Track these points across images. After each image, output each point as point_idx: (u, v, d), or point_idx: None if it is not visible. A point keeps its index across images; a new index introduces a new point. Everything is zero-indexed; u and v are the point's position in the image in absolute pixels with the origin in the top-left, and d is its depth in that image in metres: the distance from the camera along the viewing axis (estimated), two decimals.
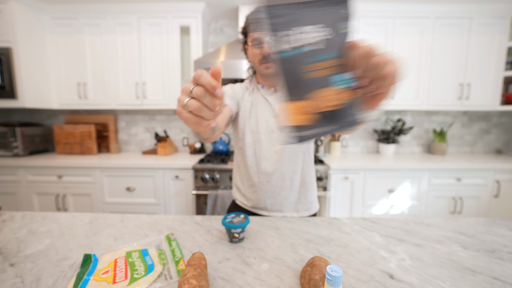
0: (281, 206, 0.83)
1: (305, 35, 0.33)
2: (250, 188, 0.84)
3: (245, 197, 0.87)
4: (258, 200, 0.83)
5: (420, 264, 0.53)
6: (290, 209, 0.84)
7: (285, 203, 0.83)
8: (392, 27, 1.82)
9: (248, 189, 0.85)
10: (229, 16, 2.07)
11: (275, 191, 0.81)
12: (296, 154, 0.81)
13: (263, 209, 0.84)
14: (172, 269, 0.50)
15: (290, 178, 0.82)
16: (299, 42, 0.33)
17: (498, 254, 0.57)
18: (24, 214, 0.79)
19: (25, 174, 1.72)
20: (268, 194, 0.82)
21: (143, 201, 1.72)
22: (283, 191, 0.82)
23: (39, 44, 1.83)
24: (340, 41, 0.33)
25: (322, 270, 0.43)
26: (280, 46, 0.33)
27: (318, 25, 0.33)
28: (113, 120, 2.20)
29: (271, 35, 0.33)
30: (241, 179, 0.87)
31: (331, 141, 2.15)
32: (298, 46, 0.33)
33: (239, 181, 0.89)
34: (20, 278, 0.48)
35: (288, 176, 0.81)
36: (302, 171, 0.84)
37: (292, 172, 0.81)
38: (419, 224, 0.73)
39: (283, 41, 0.33)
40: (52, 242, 0.62)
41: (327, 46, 0.33)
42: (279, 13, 0.33)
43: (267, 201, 0.83)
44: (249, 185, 0.85)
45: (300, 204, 0.84)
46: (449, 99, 1.88)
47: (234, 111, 0.81)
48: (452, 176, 1.68)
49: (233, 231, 0.60)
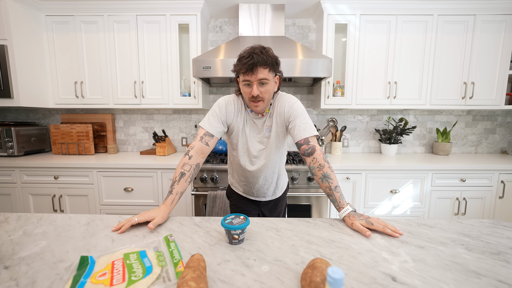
0: (265, 194, 1.06)
1: None
2: (241, 182, 1.05)
3: (237, 187, 1.09)
4: (248, 190, 1.06)
5: (423, 267, 0.52)
6: (270, 194, 1.07)
7: (267, 192, 1.06)
8: (395, 25, 1.81)
9: (239, 182, 1.06)
10: (229, 14, 2.05)
11: (262, 186, 1.03)
12: (275, 162, 0.99)
13: (251, 195, 1.06)
14: (170, 271, 0.50)
15: (271, 178, 1.02)
16: None
17: (503, 256, 0.56)
18: (19, 215, 0.77)
19: (21, 175, 1.70)
20: (256, 188, 1.03)
21: (141, 202, 1.71)
22: (266, 186, 1.03)
23: (34, 41, 1.81)
24: None
25: (323, 272, 0.43)
26: None
27: None
28: (110, 119, 2.18)
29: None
30: (234, 174, 1.08)
31: (332, 141, 2.14)
32: None
33: (231, 176, 1.11)
34: (15, 281, 0.47)
35: (269, 177, 1.01)
36: (279, 170, 1.04)
37: (272, 174, 1.01)
38: (422, 226, 0.72)
39: None
40: (48, 244, 0.61)
41: None
42: None
43: (254, 191, 1.04)
44: (240, 180, 1.05)
45: (277, 189, 1.08)
46: (452, 98, 1.87)
47: (223, 132, 0.92)
48: (456, 176, 1.67)
49: (233, 233, 0.59)
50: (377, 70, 1.86)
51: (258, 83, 0.79)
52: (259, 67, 0.77)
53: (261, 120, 0.92)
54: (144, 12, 1.82)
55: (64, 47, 1.88)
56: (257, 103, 0.82)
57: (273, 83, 0.84)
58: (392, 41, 1.82)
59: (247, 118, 0.92)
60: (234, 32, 2.14)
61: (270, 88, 0.82)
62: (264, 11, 1.86)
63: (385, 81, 1.86)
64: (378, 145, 2.24)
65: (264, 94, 0.81)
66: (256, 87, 0.79)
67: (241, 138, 0.94)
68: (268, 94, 0.82)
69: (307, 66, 1.60)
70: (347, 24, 1.83)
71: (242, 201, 1.09)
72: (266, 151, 0.94)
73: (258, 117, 0.91)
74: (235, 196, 1.11)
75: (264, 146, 0.93)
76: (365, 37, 1.83)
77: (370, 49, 1.84)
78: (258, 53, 0.77)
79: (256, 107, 0.84)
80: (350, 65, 1.85)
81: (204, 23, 1.97)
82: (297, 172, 1.58)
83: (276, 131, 0.91)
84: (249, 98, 0.83)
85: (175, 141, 2.25)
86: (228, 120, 0.91)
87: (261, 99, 0.82)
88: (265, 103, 0.84)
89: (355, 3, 1.78)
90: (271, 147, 0.93)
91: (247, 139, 0.93)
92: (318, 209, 1.60)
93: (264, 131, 0.91)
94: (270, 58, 0.79)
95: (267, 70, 0.79)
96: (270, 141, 0.92)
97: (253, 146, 0.94)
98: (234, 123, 0.92)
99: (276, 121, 0.90)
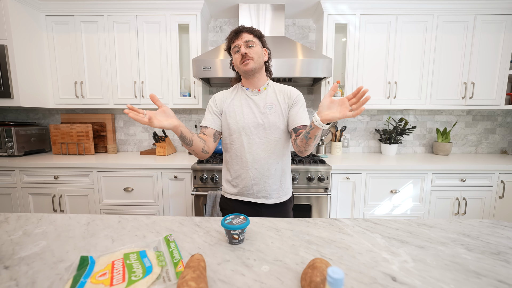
0: (266, 193, 0.95)
1: None
2: (238, 178, 0.96)
3: (232, 186, 0.99)
4: (246, 187, 0.95)
5: (423, 267, 0.52)
6: (274, 196, 0.97)
7: (270, 190, 0.96)
8: (395, 25, 1.81)
9: (236, 179, 0.97)
10: (229, 14, 2.05)
11: (261, 179, 0.94)
12: (278, 148, 0.95)
13: (250, 195, 0.96)
14: (170, 271, 0.49)
15: (274, 168, 0.95)
16: None
17: (503, 256, 0.56)
18: (19, 215, 0.77)
19: (21, 175, 1.70)
20: (255, 180, 0.94)
21: (141, 202, 1.71)
22: (268, 179, 0.94)
23: (34, 41, 1.81)
24: None
25: (323, 272, 0.43)
26: None
27: None
28: (110, 119, 2.18)
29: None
30: (230, 172, 0.99)
31: (332, 141, 2.14)
32: None
33: (228, 175, 1.00)
34: (15, 281, 0.47)
35: (272, 166, 0.95)
36: (283, 162, 0.98)
37: (275, 163, 0.95)
38: (422, 226, 0.72)
39: None
40: (48, 244, 0.60)
41: None
42: None
43: (254, 187, 0.95)
44: (237, 176, 0.97)
45: (281, 191, 0.98)
46: (452, 98, 1.87)
47: (218, 125, 0.97)
48: (456, 176, 1.67)
49: (233, 233, 0.59)
50: (377, 70, 1.86)
51: (245, 45, 0.89)
52: (244, 32, 0.90)
53: (259, 97, 0.96)
54: (144, 12, 1.82)
55: (64, 47, 1.88)
56: (247, 62, 0.89)
57: (260, 49, 0.93)
58: (392, 41, 1.82)
59: (243, 97, 0.97)
60: None
61: (257, 50, 0.91)
62: (264, 11, 1.86)
63: (385, 81, 1.86)
64: (378, 145, 2.24)
65: (252, 54, 0.89)
66: (244, 47, 0.89)
67: (237, 116, 0.94)
68: (257, 56, 0.90)
69: (307, 66, 1.60)
70: (347, 24, 1.83)
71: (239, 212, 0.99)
72: (264, 127, 0.93)
73: (255, 93, 0.96)
74: (230, 208, 1.00)
75: (263, 122, 0.93)
76: (365, 37, 1.83)
77: (370, 49, 1.84)
78: (242, 25, 0.94)
79: (246, 65, 0.89)
80: (350, 65, 1.85)
81: (204, 23, 1.97)
82: (297, 172, 1.58)
83: (281, 109, 0.94)
84: (239, 61, 0.91)
85: (175, 141, 2.25)
86: (220, 107, 0.98)
87: (250, 58, 0.89)
88: (255, 63, 0.90)
89: (355, 3, 1.78)
90: (270, 124, 0.93)
91: (244, 116, 0.94)
92: (318, 209, 1.60)
93: (265, 108, 0.94)
94: (254, 29, 0.93)
95: (251, 35, 0.91)
96: (271, 117, 0.93)
97: (250, 121, 0.93)
98: (228, 104, 0.97)
99: (278, 99, 0.95)
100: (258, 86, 0.96)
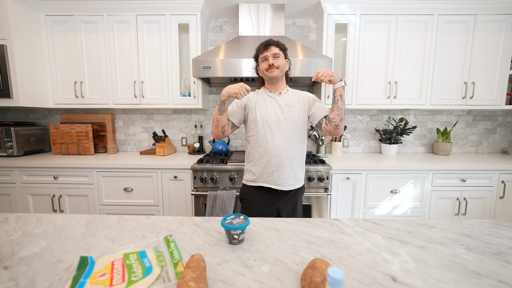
0: (284, 180, 1.10)
1: None
2: (261, 165, 1.11)
3: (253, 174, 1.13)
4: (267, 173, 1.10)
5: (423, 267, 0.52)
6: (290, 183, 1.11)
7: (288, 178, 1.10)
8: (395, 25, 1.81)
9: (258, 166, 1.12)
10: (229, 14, 2.05)
11: (280, 166, 1.08)
12: (296, 141, 1.10)
13: (270, 181, 1.10)
14: (170, 272, 0.49)
15: (292, 158, 1.10)
16: None
17: (504, 256, 0.56)
18: (18, 215, 0.77)
19: (20, 175, 1.70)
20: (275, 168, 1.09)
21: (141, 202, 1.71)
22: (287, 167, 1.09)
23: (34, 41, 1.81)
24: None
25: (323, 272, 0.43)
26: None
27: None
28: (110, 119, 2.18)
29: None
30: (253, 161, 1.13)
31: (332, 141, 2.14)
32: None
33: (251, 165, 1.15)
34: (15, 281, 0.47)
35: (290, 156, 1.09)
36: (300, 154, 1.13)
37: (293, 153, 1.10)
38: (423, 226, 0.72)
39: None
40: (48, 244, 0.60)
41: None
42: None
43: (274, 174, 1.09)
44: (259, 163, 1.11)
45: (295, 179, 1.13)
46: (453, 98, 1.87)
47: (239, 119, 1.14)
48: (456, 176, 1.67)
49: (233, 233, 0.59)
50: (377, 70, 1.86)
51: (272, 56, 1.08)
52: (272, 46, 1.09)
53: (280, 97, 1.13)
54: (144, 12, 1.82)
55: (63, 47, 1.88)
56: (272, 70, 1.08)
57: (284, 60, 1.11)
58: (392, 41, 1.82)
59: (266, 97, 1.14)
60: (234, 32, 2.13)
61: (281, 62, 1.10)
62: (264, 11, 1.85)
63: (385, 81, 1.86)
64: (378, 145, 2.24)
65: (277, 64, 1.08)
66: (271, 58, 1.07)
67: (261, 112, 1.11)
68: (281, 66, 1.09)
69: (307, 66, 1.60)
70: (347, 24, 1.82)
71: (256, 202, 1.13)
72: (284, 121, 1.09)
73: (277, 95, 1.14)
74: (250, 197, 1.14)
75: (284, 118, 1.09)
76: (365, 37, 1.82)
77: (370, 49, 1.84)
78: (271, 39, 1.12)
79: (271, 73, 1.08)
80: (350, 65, 1.85)
81: (204, 23, 1.97)
82: None
83: (299, 108, 1.12)
84: (266, 69, 1.09)
85: (175, 141, 2.25)
86: (244, 102, 1.14)
87: (276, 67, 1.08)
88: (279, 71, 1.09)
89: (355, 3, 1.77)
90: (290, 121, 1.09)
91: (268, 112, 1.10)
92: (318, 209, 1.60)
93: (285, 106, 1.11)
94: (280, 43, 1.11)
95: (278, 49, 1.09)
96: (290, 114, 1.10)
97: (272, 116, 1.10)
98: (253, 101, 1.14)
99: (299, 100, 1.14)
100: (279, 90, 1.15)
